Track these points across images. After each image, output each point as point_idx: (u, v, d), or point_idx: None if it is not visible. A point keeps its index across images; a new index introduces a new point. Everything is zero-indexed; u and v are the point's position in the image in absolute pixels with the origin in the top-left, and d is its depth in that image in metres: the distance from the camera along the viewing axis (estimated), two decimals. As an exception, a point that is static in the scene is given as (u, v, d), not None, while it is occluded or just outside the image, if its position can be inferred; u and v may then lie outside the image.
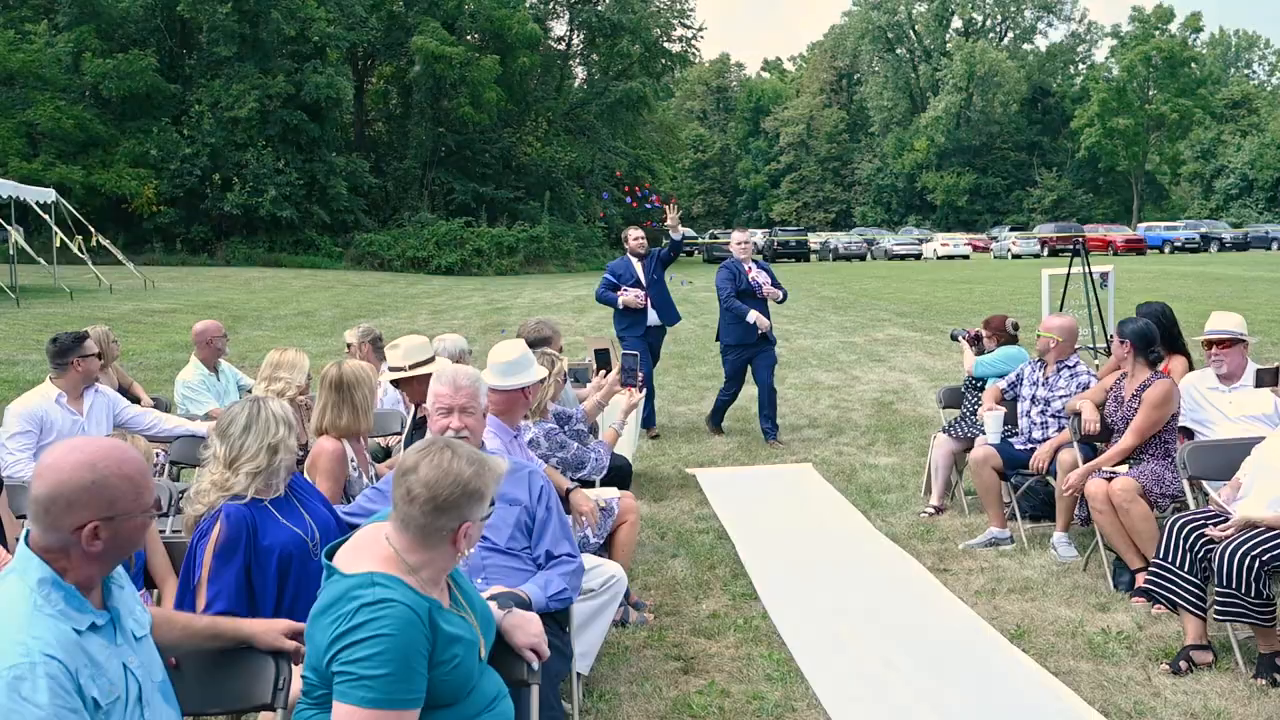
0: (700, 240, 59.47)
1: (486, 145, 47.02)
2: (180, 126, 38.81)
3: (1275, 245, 54.53)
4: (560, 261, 43.68)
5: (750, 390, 9.96)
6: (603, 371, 6.65)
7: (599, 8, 51.32)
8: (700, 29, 57.47)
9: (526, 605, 3.44)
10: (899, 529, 6.88)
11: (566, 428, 5.74)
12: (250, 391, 6.05)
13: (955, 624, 5.28)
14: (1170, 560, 4.78)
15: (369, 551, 2.67)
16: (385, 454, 6.21)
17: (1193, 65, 76.71)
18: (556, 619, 3.76)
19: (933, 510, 7.21)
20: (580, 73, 56.54)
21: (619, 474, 6.03)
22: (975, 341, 7.75)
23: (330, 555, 2.74)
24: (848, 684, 4.58)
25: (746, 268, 9.51)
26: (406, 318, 21.15)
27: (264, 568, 3.44)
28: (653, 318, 9.91)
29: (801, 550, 6.52)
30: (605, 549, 5.16)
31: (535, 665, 3.07)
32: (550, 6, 53.12)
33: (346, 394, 4.64)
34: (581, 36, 54.34)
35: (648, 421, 9.93)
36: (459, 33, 45.19)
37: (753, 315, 9.39)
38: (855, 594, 5.73)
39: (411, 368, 5.39)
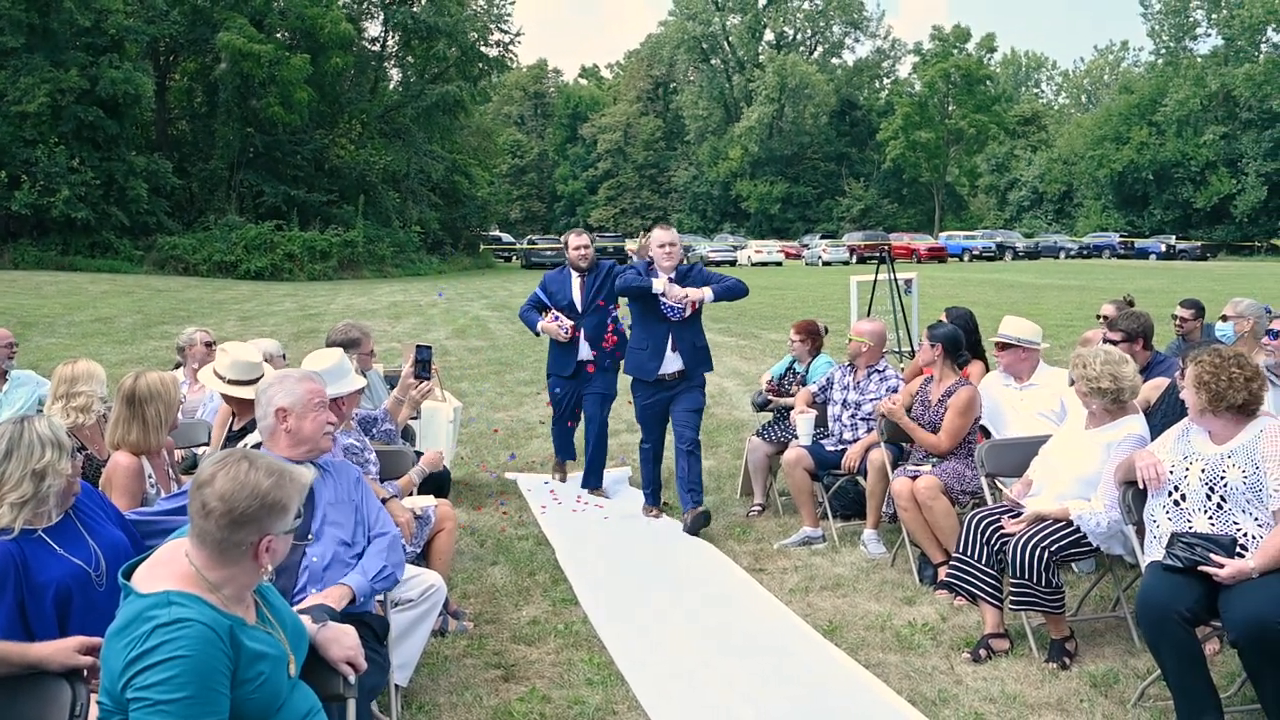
0: (519, 246, 59.27)
1: (297, 147, 45.56)
2: (-40, 120, 36.24)
3: (1063, 254, 58.35)
4: (375, 267, 42.78)
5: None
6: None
7: (414, 10, 50.45)
8: (518, 34, 56.97)
9: (339, 617, 3.34)
10: (715, 530, 6.98)
11: (374, 430, 5.60)
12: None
13: (771, 622, 5.39)
14: (969, 554, 5.02)
15: (168, 569, 2.55)
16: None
17: (988, 83, 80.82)
18: (374, 630, 3.68)
19: (759, 509, 7.34)
20: (395, 75, 55.48)
21: (436, 481, 5.93)
22: (779, 391, 7.77)
23: (129, 574, 2.60)
24: (667, 684, 4.62)
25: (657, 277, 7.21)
26: (214, 324, 20.30)
27: (40, 604, 3.15)
28: (584, 351, 7.89)
29: (620, 554, 6.56)
30: (423, 558, 5.07)
31: (351, 678, 3.00)
32: (364, 7, 51.85)
33: (138, 409, 4.39)
34: (396, 38, 53.28)
35: (591, 480, 8.05)
36: (268, 30, 43.70)
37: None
38: (674, 596, 5.79)
39: (230, 383, 5.14)
